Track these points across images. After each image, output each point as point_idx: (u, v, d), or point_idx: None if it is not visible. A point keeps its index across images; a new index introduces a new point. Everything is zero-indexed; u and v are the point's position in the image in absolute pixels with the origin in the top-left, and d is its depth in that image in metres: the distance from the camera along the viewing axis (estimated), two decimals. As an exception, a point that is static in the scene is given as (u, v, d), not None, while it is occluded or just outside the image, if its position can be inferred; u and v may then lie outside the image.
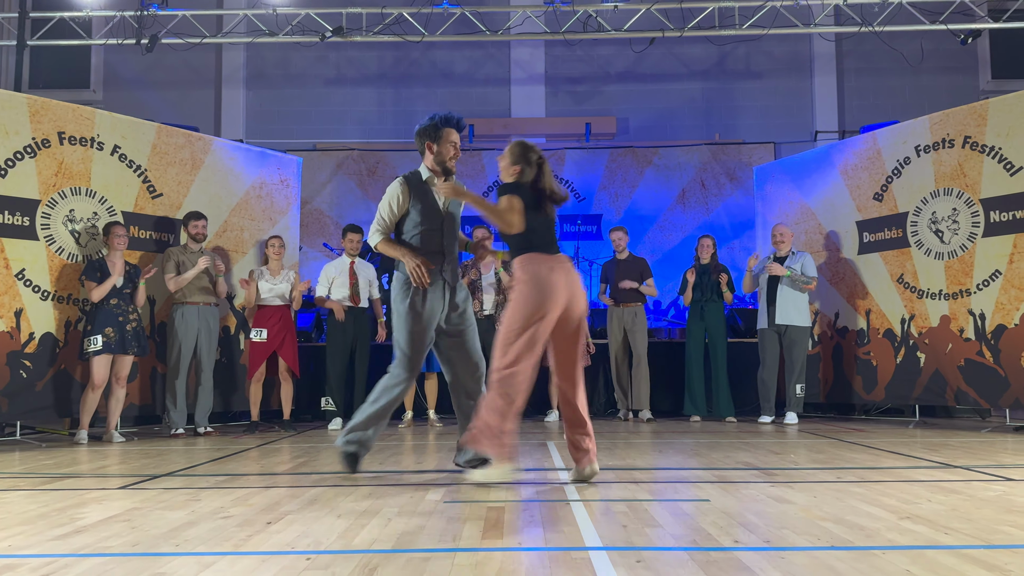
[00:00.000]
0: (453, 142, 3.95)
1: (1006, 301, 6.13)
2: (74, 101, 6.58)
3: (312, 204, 10.43)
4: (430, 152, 3.94)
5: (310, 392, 7.51)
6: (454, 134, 3.95)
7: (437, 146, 3.93)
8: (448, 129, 3.93)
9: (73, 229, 6.12)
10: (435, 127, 3.92)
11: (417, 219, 3.91)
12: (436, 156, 3.94)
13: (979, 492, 3.31)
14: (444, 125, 3.93)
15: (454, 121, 3.96)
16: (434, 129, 3.92)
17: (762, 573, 2.13)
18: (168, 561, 2.33)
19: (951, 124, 6.60)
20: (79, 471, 4.32)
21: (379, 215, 3.92)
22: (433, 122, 3.93)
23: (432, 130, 3.93)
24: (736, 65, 11.05)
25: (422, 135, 3.95)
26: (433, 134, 3.92)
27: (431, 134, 3.93)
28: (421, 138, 3.96)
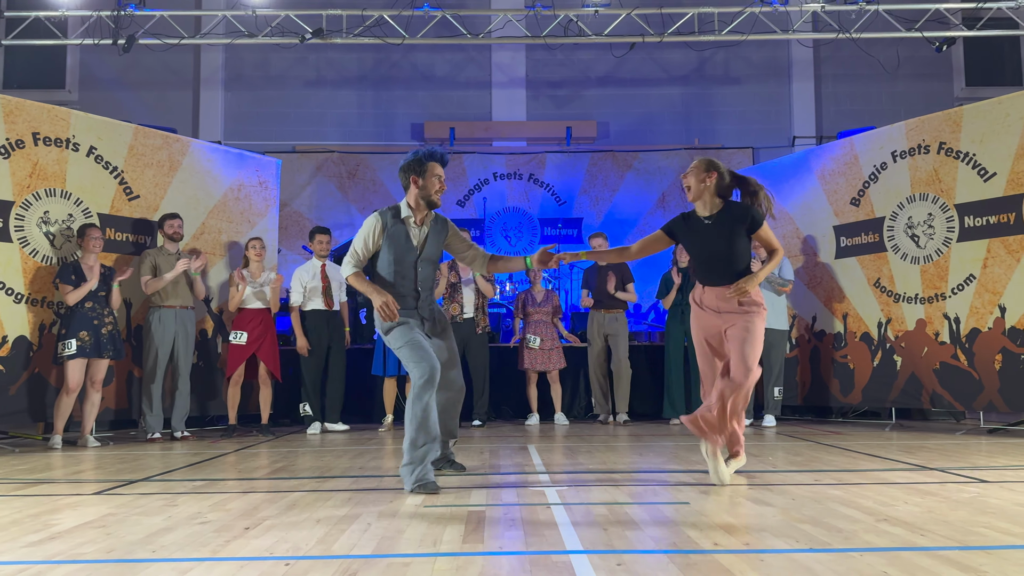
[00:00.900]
0: (438, 175, 3.88)
1: (980, 305, 6.21)
2: (49, 101, 6.50)
3: (291, 206, 10.38)
4: (415, 186, 3.87)
5: (289, 396, 7.46)
6: (439, 168, 3.88)
7: (423, 180, 3.85)
8: (433, 163, 3.86)
9: (48, 231, 6.04)
10: (419, 161, 3.86)
11: (390, 257, 3.86)
12: (422, 191, 3.86)
13: (954, 494, 3.35)
14: (428, 159, 3.86)
15: (438, 155, 3.89)
16: (419, 164, 3.86)
17: (741, 575, 2.14)
18: (144, 568, 2.30)
19: (927, 130, 6.68)
20: (53, 476, 4.26)
21: (353, 248, 3.87)
22: (417, 156, 3.87)
23: (416, 164, 3.86)
24: (715, 71, 11.13)
25: (407, 170, 3.88)
26: (418, 168, 3.86)
27: (416, 168, 3.86)
28: (406, 173, 3.89)
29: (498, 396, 7.76)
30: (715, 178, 3.85)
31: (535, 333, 7.37)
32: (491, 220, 10.49)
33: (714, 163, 3.89)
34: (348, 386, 7.14)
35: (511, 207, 10.62)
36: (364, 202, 10.56)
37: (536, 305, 7.46)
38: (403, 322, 3.82)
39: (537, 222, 10.56)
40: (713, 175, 3.85)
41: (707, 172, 3.86)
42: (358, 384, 7.64)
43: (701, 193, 3.88)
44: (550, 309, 7.49)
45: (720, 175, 3.86)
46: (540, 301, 7.48)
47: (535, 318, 7.44)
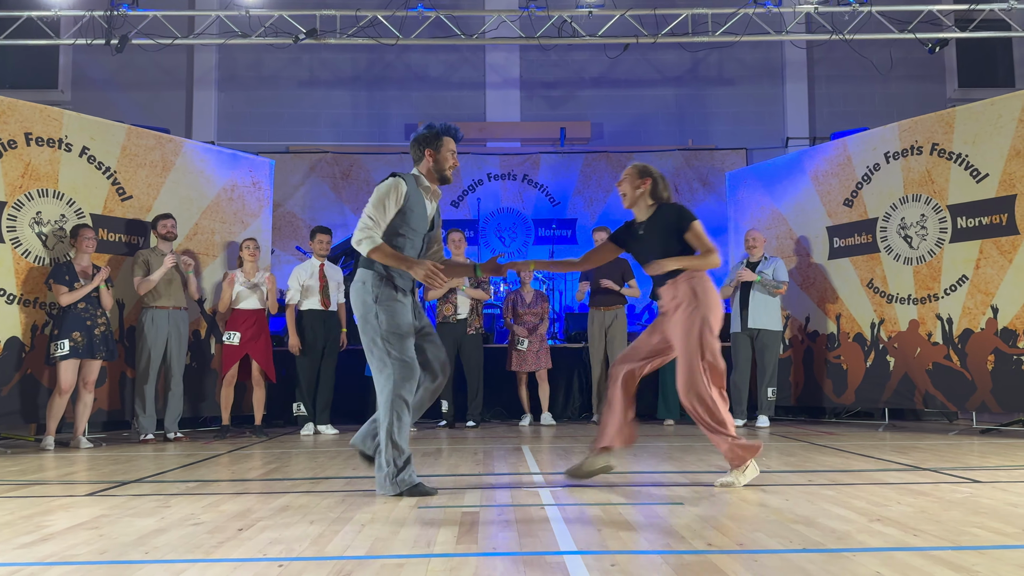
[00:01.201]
0: (452, 151, 3.80)
1: (972, 306, 6.23)
2: (41, 102, 6.47)
3: (284, 207, 10.35)
4: (430, 160, 3.76)
5: (282, 397, 7.44)
6: (453, 143, 3.81)
7: (438, 154, 3.76)
8: (448, 138, 3.79)
9: (40, 231, 6.02)
10: (436, 135, 3.77)
11: (403, 225, 3.63)
12: (436, 165, 3.77)
13: (947, 494, 3.36)
14: (445, 133, 3.79)
15: (453, 131, 3.83)
16: (435, 137, 3.77)
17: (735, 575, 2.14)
18: (137, 569, 2.30)
19: (919, 131, 6.70)
20: (45, 478, 4.24)
21: (367, 217, 3.57)
22: (434, 130, 3.78)
23: (433, 138, 3.77)
24: (709, 72, 11.15)
25: (422, 142, 3.78)
26: (434, 142, 3.77)
27: (432, 141, 3.77)
28: (420, 145, 3.79)
29: (491, 397, 7.76)
30: (649, 184, 3.87)
31: (524, 334, 7.37)
32: (485, 221, 10.49)
33: (648, 169, 3.92)
34: (340, 387, 7.13)
35: (505, 208, 10.62)
36: (358, 203, 10.54)
37: (526, 306, 7.46)
38: (401, 302, 3.60)
39: (531, 223, 10.56)
40: (647, 181, 3.87)
41: (641, 178, 3.88)
42: (350, 385, 7.62)
43: (636, 200, 3.90)
44: (539, 311, 7.48)
45: (654, 180, 3.88)
46: (530, 302, 7.48)
47: (524, 319, 7.43)
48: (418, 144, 3.80)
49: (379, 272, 3.58)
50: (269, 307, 6.68)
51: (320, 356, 6.81)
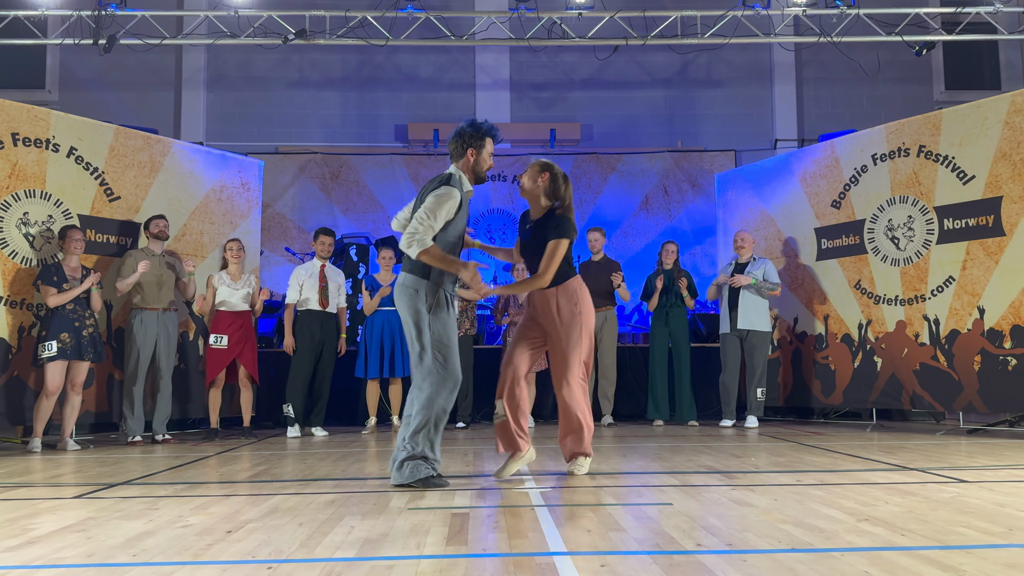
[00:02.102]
0: (491, 152, 3.76)
1: (959, 307, 6.27)
2: (29, 102, 6.43)
3: (274, 208, 10.33)
4: (471, 158, 3.70)
5: (271, 399, 7.42)
6: (492, 145, 3.76)
7: (480, 154, 3.71)
8: (490, 139, 3.73)
9: (27, 232, 5.98)
10: (482, 134, 3.68)
11: (454, 233, 3.65)
12: (476, 164, 3.72)
13: (934, 494, 3.38)
14: (488, 134, 3.72)
15: (496, 132, 3.77)
16: (480, 136, 3.68)
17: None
18: (125, 572, 2.28)
19: (906, 133, 6.74)
20: (32, 480, 4.21)
21: (426, 221, 3.51)
22: (478, 128, 3.69)
23: (478, 136, 3.68)
24: (698, 73, 11.19)
25: (466, 139, 3.69)
26: (478, 141, 3.69)
27: (476, 141, 3.69)
28: (464, 142, 3.69)
29: (481, 398, 7.75)
30: (547, 179, 3.85)
31: None
32: (475, 222, 10.49)
33: (548, 164, 3.88)
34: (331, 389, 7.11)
35: (495, 209, 10.62)
36: (347, 203, 10.53)
37: (518, 306, 7.45)
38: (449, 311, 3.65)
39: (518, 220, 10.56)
40: (545, 176, 3.85)
41: (540, 173, 3.85)
42: (340, 386, 7.60)
43: (533, 193, 3.88)
44: None
45: (553, 176, 3.85)
46: (522, 302, 7.46)
47: (517, 319, 7.42)
48: (462, 140, 3.72)
49: (433, 281, 3.60)
50: (256, 310, 6.65)
51: (316, 358, 6.79)
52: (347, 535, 2.71)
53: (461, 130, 3.73)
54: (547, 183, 3.86)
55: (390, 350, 6.79)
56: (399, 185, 10.54)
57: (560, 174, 3.90)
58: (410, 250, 3.52)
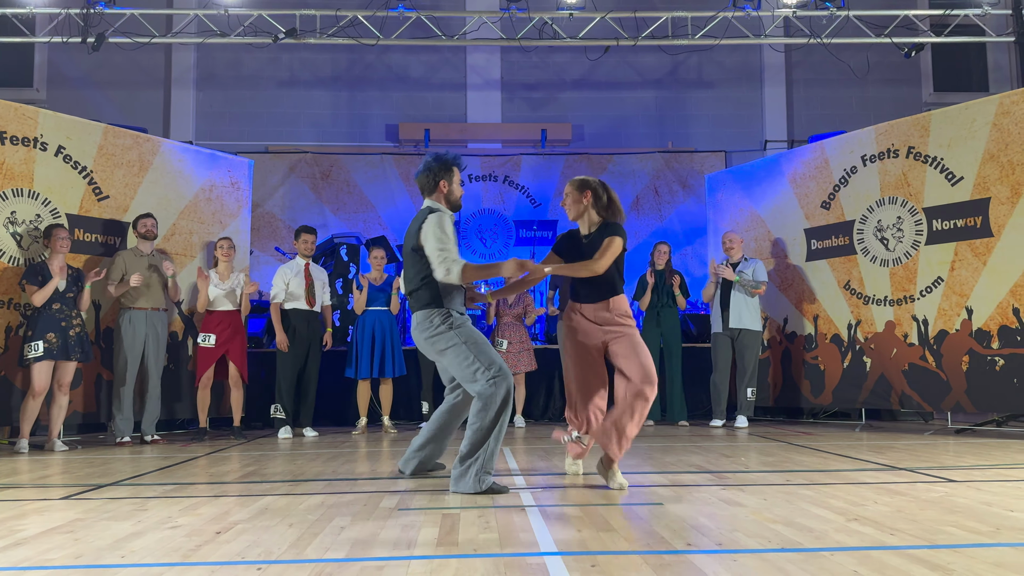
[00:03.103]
0: (459, 181, 3.92)
1: (948, 307, 6.31)
2: (16, 100, 6.38)
3: (263, 207, 10.29)
4: (443, 189, 3.85)
5: (261, 399, 7.39)
6: (459, 173, 3.92)
7: (451, 185, 3.86)
8: (456, 168, 3.89)
9: (15, 231, 5.94)
10: (448, 165, 3.84)
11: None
12: (449, 194, 3.87)
13: (923, 493, 3.40)
14: (455, 163, 3.87)
15: (460, 160, 3.92)
16: (447, 168, 3.84)
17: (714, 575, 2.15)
18: (114, 573, 2.27)
19: (896, 135, 6.78)
20: (19, 481, 4.18)
21: (442, 244, 3.64)
22: (444, 161, 3.84)
23: (445, 168, 3.84)
24: (688, 74, 11.21)
25: (436, 173, 3.84)
26: (446, 173, 3.84)
27: (445, 173, 3.84)
28: (435, 176, 3.84)
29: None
30: (590, 197, 3.88)
31: (504, 335, 7.35)
32: (466, 222, 10.48)
33: (587, 182, 3.92)
34: (321, 389, 7.09)
35: (486, 209, 10.61)
36: (338, 203, 10.51)
37: (507, 307, 7.45)
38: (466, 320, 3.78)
39: (512, 224, 10.56)
40: (588, 194, 3.89)
41: (581, 193, 3.89)
42: (331, 388, 7.59)
43: (581, 213, 3.91)
44: (520, 311, 7.47)
45: (594, 192, 3.89)
46: (511, 303, 7.47)
47: (505, 320, 7.42)
48: (431, 174, 3.84)
49: (444, 307, 3.71)
50: (243, 308, 6.63)
51: (303, 357, 6.76)
52: (337, 535, 2.70)
53: (428, 164, 3.87)
54: (591, 200, 3.89)
55: (380, 351, 6.78)
56: (390, 185, 10.52)
57: (598, 185, 3.93)
58: (450, 276, 3.61)
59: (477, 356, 3.64)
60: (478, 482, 3.53)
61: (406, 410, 7.71)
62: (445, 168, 3.84)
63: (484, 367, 3.62)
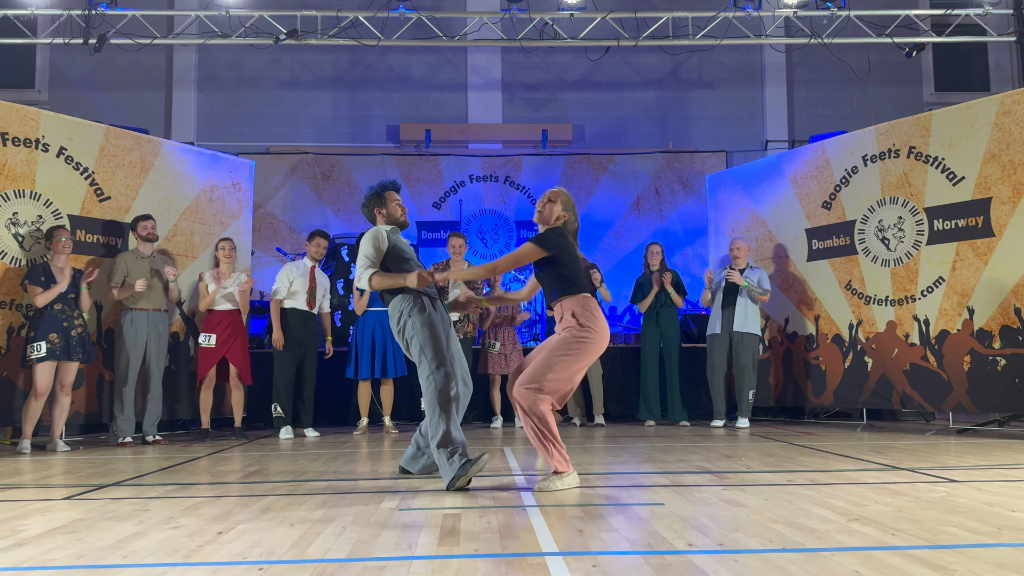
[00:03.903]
0: (397, 200, 4.24)
1: (949, 307, 6.30)
2: (18, 101, 6.39)
3: (265, 208, 10.29)
4: (381, 216, 4.20)
5: (262, 399, 7.40)
6: (396, 195, 4.25)
7: (386, 209, 4.20)
8: (389, 192, 4.23)
9: (17, 232, 5.95)
10: (378, 195, 4.21)
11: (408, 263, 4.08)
12: (388, 218, 4.21)
13: (924, 494, 3.40)
14: (386, 189, 4.24)
15: (392, 183, 4.28)
16: (377, 197, 4.21)
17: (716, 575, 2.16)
18: (116, 573, 2.27)
19: (897, 135, 6.77)
20: (21, 481, 4.19)
21: (362, 258, 4.00)
22: (374, 190, 4.22)
23: (376, 198, 4.21)
24: (689, 75, 11.21)
25: (369, 205, 4.22)
26: (378, 200, 4.21)
27: (376, 201, 4.21)
28: (369, 207, 4.22)
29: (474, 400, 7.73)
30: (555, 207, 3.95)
31: (495, 337, 7.36)
32: (467, 222, 10.48)
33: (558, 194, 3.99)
34: (322, 389, 7.10)
35: (487, 209, 10.62)
36: (339, 204, 10.51)
37: (497, 310, 7.46)
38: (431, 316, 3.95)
39: (513, 224, 10.56)
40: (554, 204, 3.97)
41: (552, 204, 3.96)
42: (332, 387, 7.59)
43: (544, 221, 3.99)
44: (510, 313, 7.48)
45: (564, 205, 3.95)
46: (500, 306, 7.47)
47: (496, 322, 7.43)
48: (368, 207, 4.26)
49: (409, 296, 3.96)
50: (242, 307, 6.64)
51: (300, 357, 6.77)
52: (339, 536, 2.70)
53: (365, 199, 4.27)
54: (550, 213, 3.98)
55: (381, 351, 6.78)
56: (374, 225, 10.51)
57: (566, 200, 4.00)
58: (360, 282, 4.01)
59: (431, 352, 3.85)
60: (455, 465, 3.65)
61: (407, 410, 7.71)
62: (376, 198, 4.22)
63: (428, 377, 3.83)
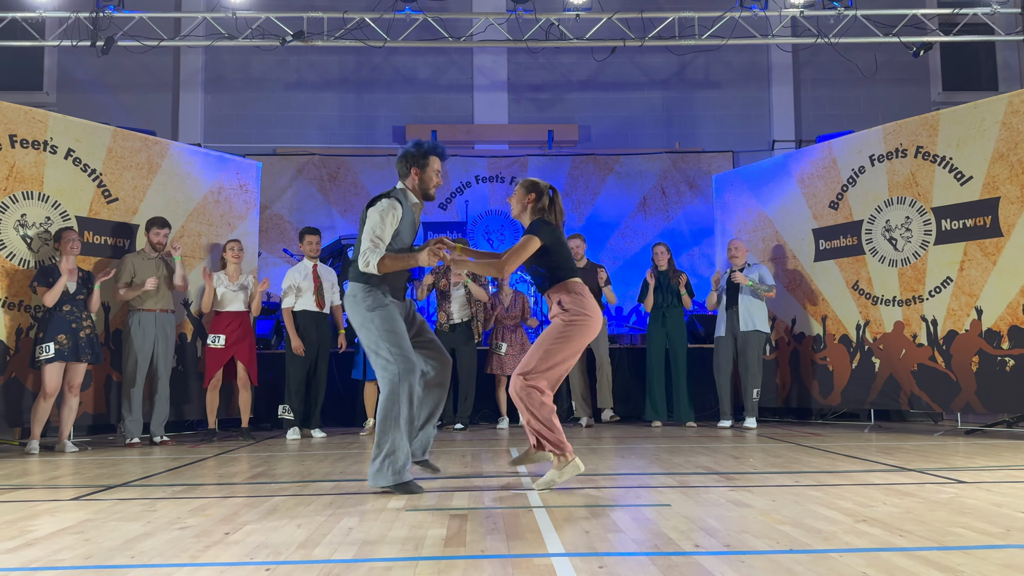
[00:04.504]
0: (437, 170, 3.95)
1: (957, 307, 6.28)
2: (26, 103, 6.42)
3: (272, 209, 10.32)
4: (416, 177, 3.91)
5: (269, 400, 7.41)
6: (439, 162, 3.95)
7: (423, 173, 3.91)
8: (434, 157, 3.93)
9: (25, 234, 5.98)
10: (424, 154, 3.90)
11: (401, 243, 3.83)
12: (421, 183, 3.91)
13: (932, 495, 3.39)
14: (432, 152, 3.92)
15: (440, 150, 3.95)
16: (422, 156, 3.90)
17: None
18: (123, 574, 2.28)
19: (904, 134, 6.75)
20: (30, 482, 4.21)
21: (372, 237, 3.70)
22: (421, 148, 3.91)
23: (420, 156, 3.90)
24: (696, 75, 11.19)
25: (409, 160, 3.91)
26: (421, 160, 3.90)
27: (418, 160, 3.90)
28: (407, 162, 3.91)
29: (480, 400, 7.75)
30: (532, 199, 3.97)
31: (503, 338, 7.37)
32: (473, 223, 10.49)
33: (536, 185, 4.01)
34: (328, 390, 7.11)
35: (493, 210, 10.63)
36: (345, 205, 10.54)
37: (505, 310, 7.46)
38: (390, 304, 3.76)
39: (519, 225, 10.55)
40: (531, 197, 3.98)
41: (526, 193, 3.99)
42: (338, 388, 7.60)
43: (518, 214, 4.03)
44: (518, 313, 7.48)
45: (538, 196, 3.98)
46: (508, 306, 7.48)
47: (504, 323, 7.43)
48: (405, 161, 3.93)
49: (369, 283, 3.75)
50: (253, 309, 6.65)
51: (313, 359, 6.78)
52: (345, 536, 2.71)
53: (406, 151, 3.93)
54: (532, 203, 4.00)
55: (388, 352, 6.78)
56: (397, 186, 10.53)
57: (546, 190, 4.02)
58: (369, 268, 3.67)
59: (388, 347, 3.67)
60: (394, 474, 3.58)
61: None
62: (421, 155, 3.90)
63: (391, 360, 3.66)
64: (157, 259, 6.39)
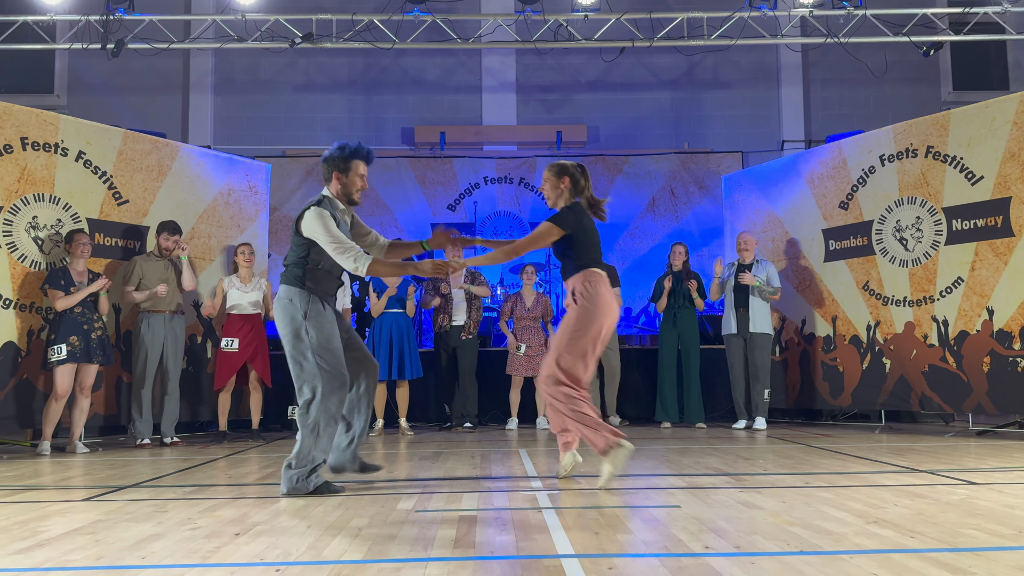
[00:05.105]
0: (361, 175, 3.84)
1: (968, 308, 6.24)
2: (37, 106, 6.46)
3: (281, 211, 10.35)
4: (337, 182, 3.80)
5: (279, 401, 7.43)
6: (363, 167, 3.83)
7: (346, 178, 3.80)
8: (357, 161, 3.81)
9: (36, 236, 6.01)
10: (344, 158, 3.78)
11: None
12: (343, 188, 3.81)
13: (943, 496, 3.37)
14: (353, 157, 3.79)
15: (363, 153, 3.83)
16: (343, 160, 3.78)
17: (733, 579, 2.14)
18: (134, 574, 2.29)
19: (914, 134, 6.72)
20: (42, 483, 4.23)
21: (337, 243, 3.60)
22: (343, 153, 3.79)
23: (342, 160, 3.78)
24: (704, 75, 11.17)
25: (331, 164, 3.80)
26: (343, 164, 3.79)
27: (339, 164, 3.79)
28: (329, 166, 3.81)
29: (488, 400, 7.75)
30: (568, 182, 3.94)
31: (523, 339, 7.37)
32: (482, 224, 10.49)
33: (565, 167, 3.96)
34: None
35: (502, 211, 10.62)
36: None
37: (526, 310, 7.45)
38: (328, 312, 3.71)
39: (528, 226, 10.56)
40: (566, 180, 3.95)
41: (559, 179, 3.95)
42: (349, 389, 7.61)
43: (557, 200, 3.98)
44: (539, 313, 7.47)
45: (573, 179, 3.95)
46: (529, 306, 7.47)
47: (524, 323, 7.43)
48: (327, 165, 3.83)
49: (306, 288, 3.68)
50: (265, 311, 6.67)
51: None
52: (355, 537, 2.71)
53: (328, 154, 3.82)
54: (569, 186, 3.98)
55: (398, 352, 6.81)
56: (405, 188, 10.55)
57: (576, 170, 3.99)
58: (359, 270, 3.59)
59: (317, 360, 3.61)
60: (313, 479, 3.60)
61: (423, 412, 7.73)
62: (342, 160, 3.78)
63: (318, 374, 3.60)
64: (165, 261, 6.42)
